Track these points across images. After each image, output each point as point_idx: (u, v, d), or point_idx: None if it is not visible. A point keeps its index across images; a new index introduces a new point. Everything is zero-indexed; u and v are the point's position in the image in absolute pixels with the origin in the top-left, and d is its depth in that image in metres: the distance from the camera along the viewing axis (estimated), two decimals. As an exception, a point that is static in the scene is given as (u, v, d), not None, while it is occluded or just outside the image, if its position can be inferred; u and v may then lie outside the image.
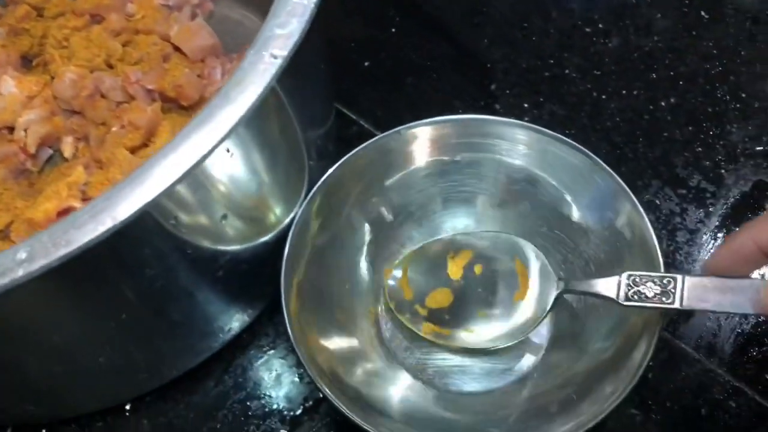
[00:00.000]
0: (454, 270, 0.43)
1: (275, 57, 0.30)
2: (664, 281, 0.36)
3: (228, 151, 0.33)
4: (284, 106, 0.37)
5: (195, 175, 0.32)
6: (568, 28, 0.56)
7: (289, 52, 0.30)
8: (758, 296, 0.34)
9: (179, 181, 0.28)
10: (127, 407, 0.42)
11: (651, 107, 0.51)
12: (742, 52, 0.53)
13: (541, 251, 0.44)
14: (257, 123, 0.35)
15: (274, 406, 0.42)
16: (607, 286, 0.37)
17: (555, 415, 0.38)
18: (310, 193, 0.41)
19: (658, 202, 0.48)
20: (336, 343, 0.41)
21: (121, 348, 0.37)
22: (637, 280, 0.37)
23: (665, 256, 0.45)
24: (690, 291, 0.35)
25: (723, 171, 0.49)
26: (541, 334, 0.43)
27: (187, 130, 0.29)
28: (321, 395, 0.42)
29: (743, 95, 0.51)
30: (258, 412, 0.42)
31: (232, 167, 0.34)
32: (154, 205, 0.30)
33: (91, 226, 0.27)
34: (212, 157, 0.32)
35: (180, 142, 0.29)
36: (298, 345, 0.38)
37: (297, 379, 0.43)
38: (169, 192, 0.28)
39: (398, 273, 0.44)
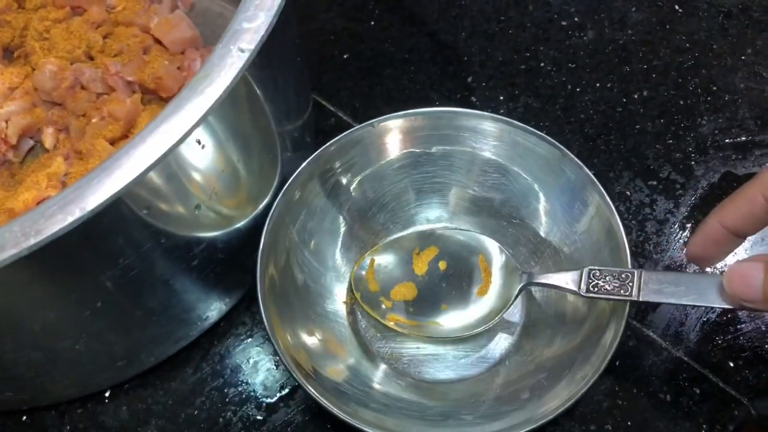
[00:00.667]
0: (419, 266, 0.44)
1: (242, 51, 0.31)
2: (622, 276, 0.38)
3: (199, 142, 0.34)
4: (258, 98, 0.38)
5: (167, 166, 0.33)
6: (544, 21, 0.57)
7: (256, 46, 0.31)
8: (720, 287, 0.35)
9: (146, 172, 0.28)
10: (107, 394, 0.43)
11: (624, 100, 0.52)
12: (714, 46, 0.54)
13: (512, 242, 0.45)
14: (229, 115, 0.36)
15: (251, 393, 0.43)
16: (568, 279, 0.39)
17: (526, 401, 0.39)
18: (286, 185, 0.42)
19: (628, 193, 0.48)
20: (312, 332, 0.42)
21: (98, 335, 0.38)
22: (597, 274, 0.38)
23: (635, 246, 0.47)
24: (646, 285, 0.37)
25: (693, 163, 0.49)
26: (513, 324, 0.44)
27: (155, 123, 0.30)
28: (297, 383, 0.43)
29: (714, 88, 0.52)
30: (235, 398, 0.43)
31: (204, 158, 0.35)
32: (126, 194, 0.31)
33: (60, 216, 0.27)
34: (184, 149, 0.33)
35: (148, 134, 0.29)
36: (274, 334, 0.38)
37: (273, 367, 0.44)
38: (139, 182, 0.29)
39: (365, 265, 0.45)
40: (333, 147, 0.43)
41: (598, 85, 0.53)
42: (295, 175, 0.42)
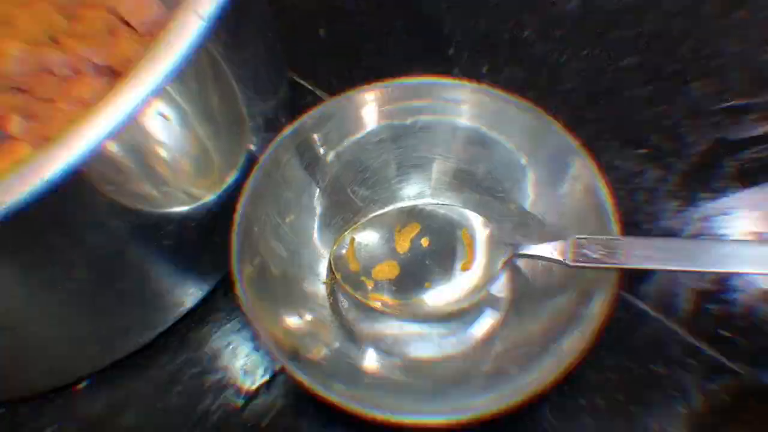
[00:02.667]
0: (401, 243, 0.43)
1: (200, 16, 0.29)
2: (609, 243, 0.37)
3: (162, 115, 0.32)
4: (227, 77, 0.36)
5: (131, 140, 0.31)
6: (527, -11, 0.55)
7: (214, 9, 0.30)
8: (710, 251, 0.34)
9: (103, 140, 0.28)
10: (84, 384, 0.42)
11: (611, 68, 0.51)
12: (704, 10, 0.53)
13: (496, 215, 0.44)
14: (196, 91, 0.34)
15: (230, 380, 0.42)
16: (554, 249, 0.38)
17: (515, 376, 0.38)
18: (259, 163, 0.40)
19: (617, 162, 0.47)
20: (292, 315, 0.41)
21: (70, 318, 0.37)
22: (584, 242, 0.37)
23: (625, 215, 0.45)
24: (633, 251, 0.36)
25: (683, 129, 0.48)
26: (499, 299, 0.42)
27: (113, 93, 0.29)
28: (277, 367, 0.42)
29: (704, 53, 0.51)
30: (214, 385, 0.42)
31: (170, 135, 0.34)
32: (90, 169, 0.30)
33: (20, 187, 0.27)
34: (146, 122, 0.32)
35: (106, 104, 0.28)
36: (253, 318, 0.37)
37: (253, 352, 0.43)
38: (98, 152, 0.28)
39: (345, 244, 0.43)
40: (309, 120, 0.42)
41: (584, 53, 0.52)
42: (269, 150, 0.40)
